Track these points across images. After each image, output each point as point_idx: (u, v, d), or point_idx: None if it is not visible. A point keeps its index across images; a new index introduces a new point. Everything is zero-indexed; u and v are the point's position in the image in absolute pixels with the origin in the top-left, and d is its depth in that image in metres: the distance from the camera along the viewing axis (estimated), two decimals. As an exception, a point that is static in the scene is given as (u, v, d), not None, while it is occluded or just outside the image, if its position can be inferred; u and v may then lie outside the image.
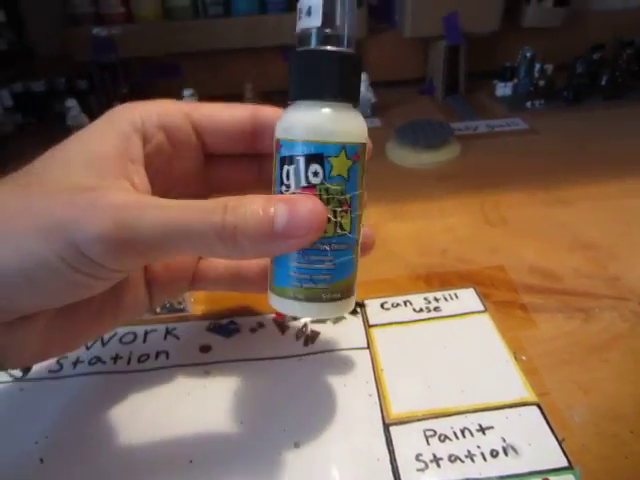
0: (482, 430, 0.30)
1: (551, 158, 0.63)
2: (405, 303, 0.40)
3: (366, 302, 0.40)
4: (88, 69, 0.81)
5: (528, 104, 0.78)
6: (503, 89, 0.82)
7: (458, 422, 0.30)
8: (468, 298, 0.40)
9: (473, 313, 0.39)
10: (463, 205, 0.54)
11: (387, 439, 0.29)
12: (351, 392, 0.32)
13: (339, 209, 0.24)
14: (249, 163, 0.31)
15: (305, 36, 0.23)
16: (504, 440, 0.29)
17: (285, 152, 0.24)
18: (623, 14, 0.89)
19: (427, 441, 0.29)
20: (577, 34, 0.86)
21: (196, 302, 0.41)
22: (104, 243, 0.20)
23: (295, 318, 0.38)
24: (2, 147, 0.71)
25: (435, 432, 0.30)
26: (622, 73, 0.77)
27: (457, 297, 0.40)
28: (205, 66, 0.85)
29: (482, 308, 0.39)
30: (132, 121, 0.25)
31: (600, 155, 0.62)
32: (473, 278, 0.43)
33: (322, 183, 0.23)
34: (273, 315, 0.39)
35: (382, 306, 0.40)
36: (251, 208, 0.21)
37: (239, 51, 0.83)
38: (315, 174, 0.23)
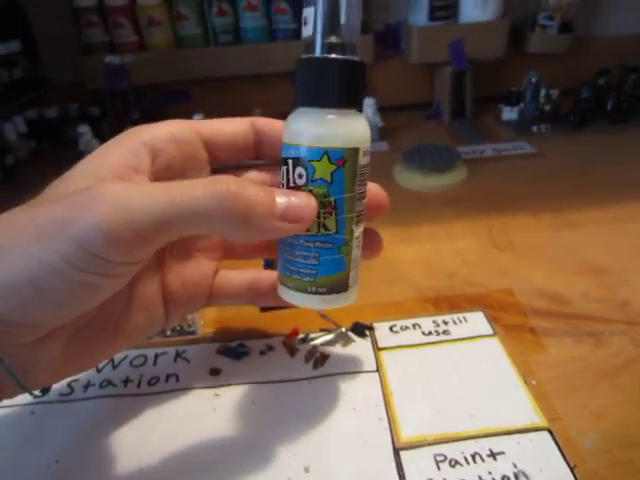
0: (493, 455, 0.29)
1: (558, 181, 0.63)
2: (414, 326, 0.40)
3: (375, 325, 0.40)
4: (100, 96, 0.83)
5: (534, 128, 0.79)
6: (509, 113, 0.83)
7: (469, 447, 0.30)
8: (477, 321, 0.40)
9: (482, 336, 0.39)
10: (471, 228, 0.54)
11: (397, 464, 0.29)
12: (361, 416, 0.32)
13: (322, 210, 0.25)
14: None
15: (307, 44, 0.24)
16: (515, 466, 0.29)
17: (282, 154, 0.26)
18: (628, 39, 0.90)
19: (438, 466, 0.29)
20: (582, 59, 0.87)
21: (206, 325, 0.42)
22: (102, 232, 0.20)
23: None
24: (16, 172, 0.73)
25: (445, 457, 0.30)
26: (627, 98, 0.77)
27: (466, 320, 0.40)
28: (215, 92, 0.87)
29: (491, 332, 0.39)
30: (141, 139, 0.25)
31: (607, 179, 0.63)
32: (482, 301, 0.43)
33: (306, 185, 0.25)
34: (283, 338, 0.39)
35: (391, 329, 0.40)
36: (254, 187, 0.23)
37: (248, 77, 0.85)
38: (300, 176, 0.25)
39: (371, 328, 0.40)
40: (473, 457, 0.29)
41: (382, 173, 0.67)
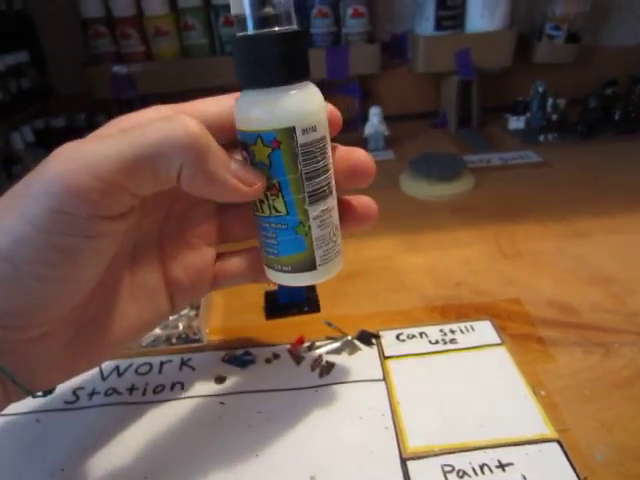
0: (502, 466, 0.29)
1: (566, 191, 0.63)
2: (421, 335, 0.40)
3: (381, 333, 0.40)
4: (107, 106, 0.84)
5: (541, 138, 0.78)
6: (516, 123, 0.83)
7: (477, 458, 0.30)
8: (484, 330, 0.40)
9: (490, 346, 0.38)
10: (478, 237, 0.54)
11: (404, 474, 0.29)
12: (367, 425, 0.32)
13: (268, 193, 0.24)
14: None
15: (238, 20, 0.22)
16: (524, 478, 0.28)
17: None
18: (635, 49, 0.90)
19: (445, 477, 0.29)
20: (589, 69, 0.87)
21: (211, 333, 0.41)
22: (63, 182, 0.19)
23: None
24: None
25: (453, 468, 0.29)
26: (635, 108, 0.77)
27: (473, 329, 0.40)
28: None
29: (499, 341, 0.39)
30: (120, 127, 0.24)
31: (615, 188, 0.62)
32: (489, 310, 0.42)
33: None
34: (288, 346, 0.39)
35: (397, 337, 0.39)
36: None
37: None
38: (245, 159, 0.25)
39: (377, 336, 0.40)
40: (481, 468, 0.29)
41: (388, 182, 0.67)
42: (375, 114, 0.77)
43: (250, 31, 0.22)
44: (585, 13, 0.82)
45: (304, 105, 0.23)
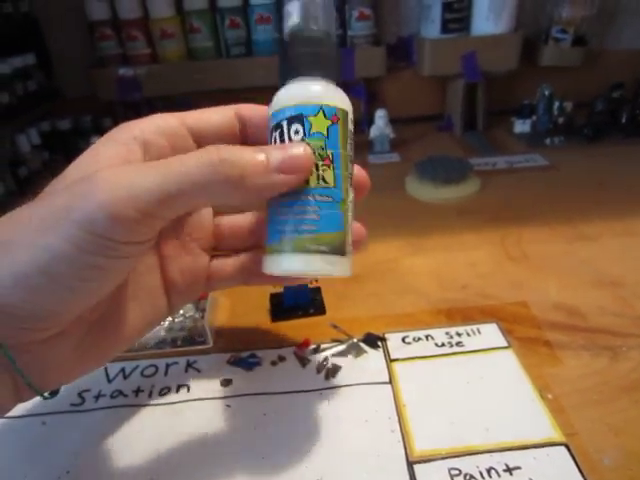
0: (509, 470, 0.29)
1: (572, 194, 0.63)
2: (427, 337, 0.40)
3: (387, 336, 0.40)
4: (113, 108, 0.84)
5: (547, 141, 0.78)
6: (521, 126, 0.83)
7: (484, 461, 0.29)
8: (491, 333, 0.40)
9: (496, 349, 0.38)
10: (484, 240, 0.53)
11: (411, 477, 0.29)
12: (373, 428, 0.32)
13: (320, 162, 0.25)
14: None
15: (292, 34, 0.26)
16: (532, 482, 0.28)
17: (272, 122, 0.26)
18: (642, 53, 0.90)
19: (452, 481, 0.28)
20: (596, 72, 0.87)
21: (217, 335, 0.41)
22: (107, 212, 0.20)
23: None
24: (29, 183, 0.73)
25: (460, 471, 0.29)
26: (642, 111, 0.77)
27: (479, 332, 0.40)
28: (227, 104, 0.87)
29: (505, 344, 0.38)
30: (131, 133, 0.26)
31: (622, 192, 0.62)
32: (495, 313, 0.42)
33: (303, 139, 0.25)
34: (294, 349, 0.39)
35: (403, 340, 0.39)
36: (245, 148, 0.24)
37: (260, 89, 0.85)
38: (296, 132, 0.25)
39: (383, 339, 0.40)
40: (488, 472, 0.29)
41: (394, 184, 0.67)
42: (381, 116, 0.77)
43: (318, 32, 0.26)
44: (592, 16, 0.82)
45: (349, 102, 0.27)
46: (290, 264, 0.25)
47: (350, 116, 0.26)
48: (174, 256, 0.30)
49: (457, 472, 0.29)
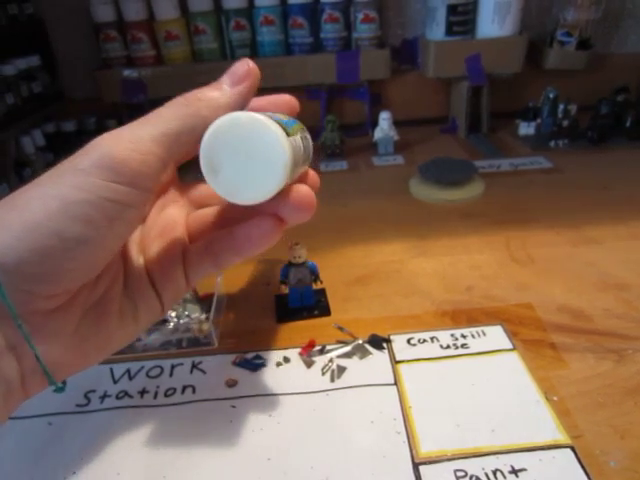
0: (515, 472, 0.29)
1: (576, 197, 0.63)
2: (432, 339, 0.40)
3: (392, 337, 0.40)
4: (118, 110, 0.84)
5: (552, 143, 0.78)
6: (526, 129, 0.83)
7: (489, 463, 0.29)
8: (496, 335, 0.40)
9: (501, 351, 0.38)
10: (488, 242, 0.53)
11: (417, 479, 0.29)
12: (379, 429, 0.32)
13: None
14: None
15: None
16: (538, 484, 0.28)
17: None
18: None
19: (458, 482, 0.28)
20: (600, 75, 0.87)
21: (222, 336, 0.41)
22: (112, 157, 0.22)
23: None
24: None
25: (466, 473, 0.29)
26: (646, 115, 0.77)
27: (485, 334, 0.40)
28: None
29: (510, 346, 0.38)
30: None
31: (626, 195, 0.62)
32: (500, 316, 0.42)
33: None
34: (299, 350, 0.39)
35: (408, 342, 0.39)
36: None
37: (265, 91, 0.85)
38: None
39: (388, 340, 0.40)
40: (494, 473, 0.29)
41: (398, 186, 0.67)
42: (385, 119, 0.77)
43: None
44: (597, 20, 0.82)
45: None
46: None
47: None
48: (153, 248, 0.30)
49: (463, 474, 0.29)
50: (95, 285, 0.26)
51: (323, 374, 0.37)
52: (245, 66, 0.28)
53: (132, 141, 0.23)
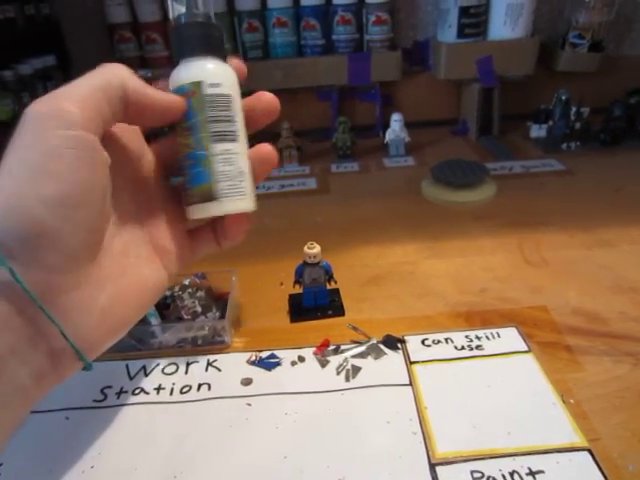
0: (532, 474, 0.29)
1: (589, 199, 0.62)
2: (446, 340, 0.39)
3: (406, 338, 0.40)
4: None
5: (564, 146, 0.78)
6: (537, 131, 0.83)
7: (506, 464, 0.29)
8: (510, 337, 0.40)
9: (516, 353, 0.38)
10: (501, 244, 0.53)
11: (433, 479, 0.29)
12: (395, 429, 0.32)
13: (185, 133, 0.29)
14: None
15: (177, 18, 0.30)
16: (556, 486, 0.28)
17: None
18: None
19: (475, 483, 0.28)
20: (613, 78, 0.86)
21: (236, 335, 0.42)
22: (50, 111, 0.23)
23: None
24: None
25: (483, 474, 0.29)
26: (659, 117, 0.76)
27: (499, 336, 0.40)
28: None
29: (526, 348, 0.38)
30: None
31: (639, 198, 0.62)
32: (515, 318, 0.42)
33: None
34: (313, 349, 0.39)
35: (423, 342, 0.39)
36: None
37: (276, 92, 0.85)
38: None
39: (403, 341, 0.40)
40: (511, 475, 0.29)
41: (410, 187, 0.67)
42: (396, 120, 0.77)
43: (182, 21, 0.30)
44: (609, 22, 0.81)
45: (210, 68, 0.29)
46: (187, 213, 0.31)
47: (209, 81, 0.29)
48: (154, 221, 0.31)
49: (480, 475, 0.29)
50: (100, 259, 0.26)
51: (338, 374, 0.37)
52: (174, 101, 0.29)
53: (58, 95, 0.24)
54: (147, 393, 0.36)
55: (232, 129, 0.30)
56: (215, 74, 0.29)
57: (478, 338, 0.40)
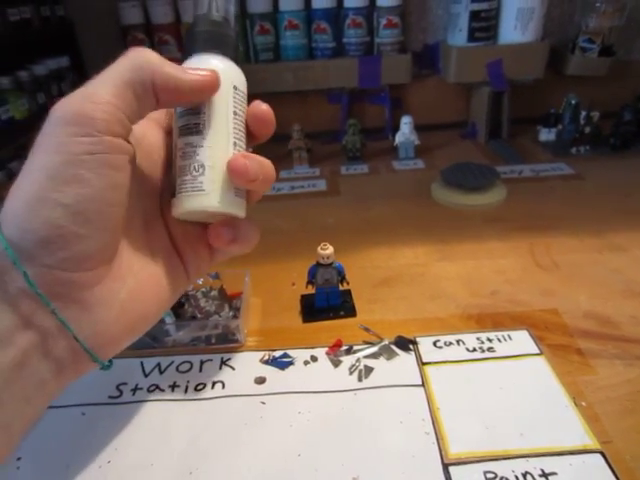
0: (545, 476, 0.29)
1: (599, 203, 0.62)
2: (458, 342, 0.40)
3: (418, 339, 0.40)
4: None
5: (573, 150, 0.78)
6: (547, 135, 0.83)
7: (519, 466, 0.30)
8: (522, 340, 0.40)
9: (528, 355, 0.38)
10: (512, 247, 0.53)
11: (447, 479, 0.29)
12: (408, 429, 0.32)
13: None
14: None
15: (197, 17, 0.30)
16: (569, 487, 0.28)
17: None
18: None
19: (488, 484, 0.29)
20: (623, 82, 0.86)
21: (249, 334, 0.42)
22: (73, 113, 0.24)
23: None
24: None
25: (496, 475, 0.29)
26: (669, 122, 0.76)
27: (511, 338, 0.40)
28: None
29: (537, 351, 0.39)
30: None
31: (650, 202, 0.62)
32: (526, 320, 0.42)
33: None
34: (326, 349, 0.39)
35: (435, 344, 0.40)
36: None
37: (287, 94, 0.86)
38: None
39: (414, 342, 0.40)
40: (524, 476, 0.29)
41: (419, 190, 0.67)
42: (406, 123, 0.78)
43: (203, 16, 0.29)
44: (619, 27, 0.81)
45: (228, 66, 0.29)
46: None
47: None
48: (177, 226, 0.31)
49: (493, 475, 0.29)
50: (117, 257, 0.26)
51: (351, 374, 0.37)
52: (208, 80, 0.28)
53: (84, 95, 0.24)
54: (162, 390, 0.36)
55: (196, 121, 0.28)
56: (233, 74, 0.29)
57: (490, 340, 0.40)
